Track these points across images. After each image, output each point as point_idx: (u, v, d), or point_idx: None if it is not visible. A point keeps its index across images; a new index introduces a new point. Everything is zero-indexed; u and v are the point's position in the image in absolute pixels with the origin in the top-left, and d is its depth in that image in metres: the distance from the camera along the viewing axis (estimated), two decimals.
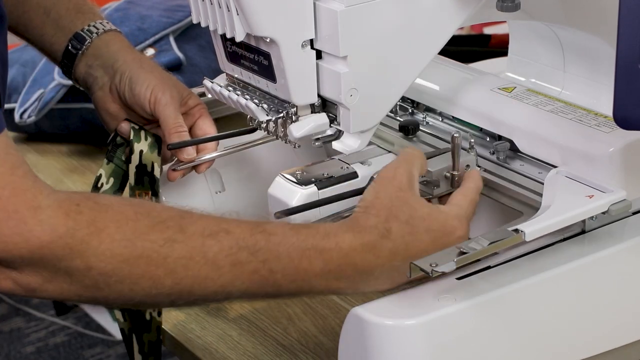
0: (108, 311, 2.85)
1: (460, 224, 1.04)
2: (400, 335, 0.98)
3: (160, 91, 1.23)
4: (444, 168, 1.13)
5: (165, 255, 0.95)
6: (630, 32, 0.95)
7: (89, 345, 2.81)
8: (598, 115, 1.16)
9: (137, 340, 1.22)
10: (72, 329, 2.87)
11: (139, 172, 1.21)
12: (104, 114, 1.28)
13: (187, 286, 0.97)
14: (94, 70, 1.27)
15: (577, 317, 1.07)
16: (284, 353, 1.21)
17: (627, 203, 1.07)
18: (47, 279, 0.94)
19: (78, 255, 0.93)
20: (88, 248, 0.93)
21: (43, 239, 0.92)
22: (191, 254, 0.96)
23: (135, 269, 0.95)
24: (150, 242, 0.95)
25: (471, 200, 1.08)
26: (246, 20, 1.06)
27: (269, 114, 1.12)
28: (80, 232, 0.93)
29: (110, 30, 1.29)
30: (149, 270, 0.95)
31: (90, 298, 0.97)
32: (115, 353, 2.77)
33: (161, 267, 0.95)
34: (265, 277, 0.98)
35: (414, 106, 1.29)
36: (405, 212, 1.02)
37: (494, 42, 1.88)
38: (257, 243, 0.98)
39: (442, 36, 1.13)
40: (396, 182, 1.04)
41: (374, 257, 1.01)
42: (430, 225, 1.03)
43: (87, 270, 0.94)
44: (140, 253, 0.95)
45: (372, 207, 1.03)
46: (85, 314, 2.92)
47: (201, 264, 0.96)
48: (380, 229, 1.01)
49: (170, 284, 0.96)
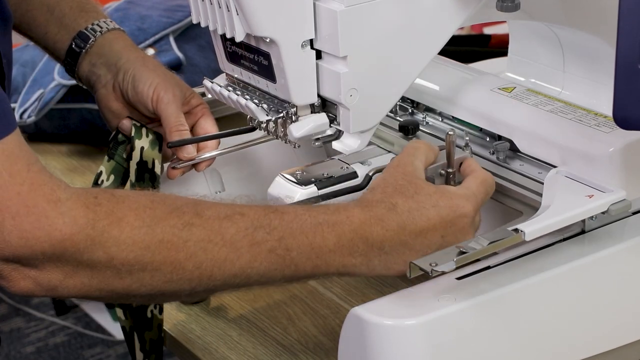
0: (108, 311, 2.85)
1: (468, 202, 1.05)
2: (400, 335, 0.98)
3: (163, 90, 1.23)
4: (439, 165, 1.14)
5: (186, 239, 0.96)
6: (630, 32, 0.95)
7: (89, 345, 2.81)
8: (598, 115, 1.16)
9: (138, 338, 1.22)
10: (72, 329, 2.87)
11: (139, 169, 1.21)
12: (106, 112, 1.28)
13: (208, 269, 0.98)
14: (97, 68, 1.28)
15: (577, 317, 1.07)
16: (284, 353, 1.21)
17: (627, 203, 1.07)
18: (69, 274, 0.95)
19: (100, 246, 0.94)
20: (109, 238, 0.94)
21: (65, 232, 0.93)
22: (209, 236, 0.97)
23: (156, 255, 0.96)
24: (170, 227, 0.96)
25: (482, 180, 1.08)
26: (246, 20, 1.06)
27: (269, 114, 1.12)
28: (100, 223, 0.94)
29: (113, 28, 1.30)
30: (170, 255, 0.96)
31: (111, 291, 0.97)
32: (115, 353, 2.77)
33: (182, 251, 0.96)
34: (281, 256, 1.00)
35: (414, 106, 1.29)
36: (410, 189, 1.04)
37: (494, 42, 1.88)
38: (272, 222, 0.99)
39: (442, 36, 1.13)
40: (400, 169, 1.07)
41: (383, 230, 1.02)
42: (437, 201, 1.04)
43: (109, 261, 0.95)
44: (160, 238, 0.96)
45: (378, 187, 1.05)
46: (85, 314, 2.92)
47: (220, 245, 0.97)
48: (387, 203, 1.03)
49: (191, 268, 0.97)
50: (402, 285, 1.05)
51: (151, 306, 1.21)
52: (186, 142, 1.22)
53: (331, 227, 1.01)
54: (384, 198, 1.03)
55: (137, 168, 1.21)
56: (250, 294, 1.31)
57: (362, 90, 1.09)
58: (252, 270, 0.99)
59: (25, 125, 1.68)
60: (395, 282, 1.30)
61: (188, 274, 0.97)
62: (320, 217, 1.01)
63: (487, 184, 1.09)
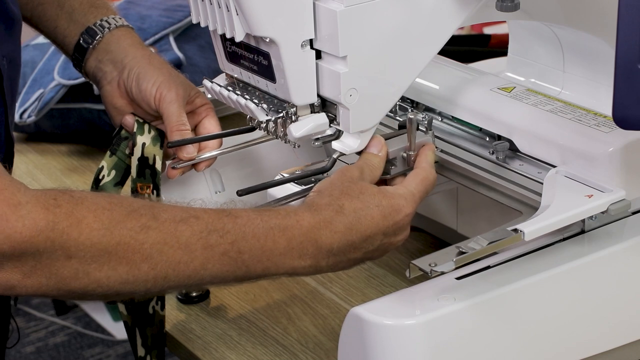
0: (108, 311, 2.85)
1: (407, 202, 1.08)
2: (400, 335, 0.98)
3: (166, 88, 1.24)
4: (401, 148, 1.16)
5: (142, 241, 0.98)
6: (630, 32, 0.95)
7: (89, 345, 2.81)
8: (598, 115, 1.16)
9: (140, 333, 1.22)
10: (72, 329, 2.87)
11: (140, 165, 1.21)
12: (110, 109, 1.29)
13: (163, 271, 1.00)
14: (103, 65, 1.28)
15: (576, 317, 1.07)
16: (284, 353, 1.21)
17: (627, 203, 1.07)
18: (27, 275, 0.96)
19: (59, 247, 0.95)
20: (69, 239, 0.95)
21: (25, 234, 0.94)
22: (165, 239, 0.99)
23: (113, 256, 0.97)
24: (127, 229, 0.98)
25: (422, 179, 1.12)
26: (246, 20, 1.06)
27: (269, 114, 1.12)
28: (60, 225, 0.95)
29: (122, 25, 1.31)
30: (127, 256, 0.98)
31: (69, 291, 0.98)
32: (115, 353, 2.77)
33: (138, 253, 0.98)
34: (234, 259, 1.02)
35: (413, 106, 1.29)
36: (355, 190, 1.08)
37: (494, 42, 1.88)
38: (225, 226, 1.01)
39: (442, 36, 1.13)
40: (348, 173, 1.10)
41: (332, 233, 1.05)
42: (380, 201, 1.07)
43: (67, 261, 0.96)
44: (118, 240, 0.97)
45: (324, 190, 1.08)
46: (85, 314, 2.92)
47: (175, 248, 0.99)
48: (334, 206, 1.06)
49: (147, 270, 0.99)
50: (402, 285, 1.05)
51: (152, 302, 1.22)
52: (186, 142, 1.22)
53: (282, 232, 1.03)
54: (331, 201, 1.06)
55: (138, 164, 1.21)
56: (250, 293, 1.31)
57: (362, 90, 1.09)
58: (206, 272, 1.01)
59: (25, 125, 1.68)
60: (395, 282, 1.30)
61: (143, 275, 0.99)
62: (272, 221, 1.03)
63: (427, 182, 1.12)
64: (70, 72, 1.67)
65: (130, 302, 1.22)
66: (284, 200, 1.16)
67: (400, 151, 1.16)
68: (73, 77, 1.65)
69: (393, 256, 1.36)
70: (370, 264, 1.34)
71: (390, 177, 1.17)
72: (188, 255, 1.00)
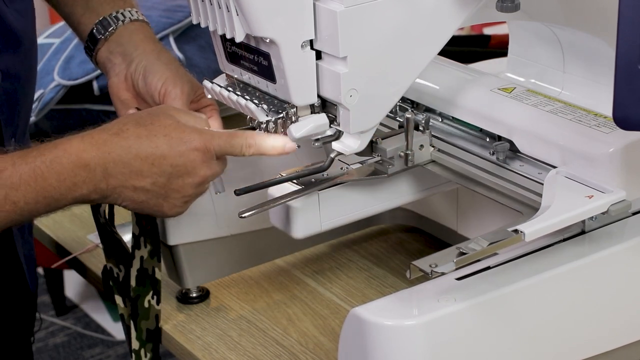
0: (108, 311, 2.85)
1: (200, 138, 1.08)
2: (400, 336, 0.98)
3: (172, 84, 1.24)
4: (399, 147, 1.17)
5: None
6: (630, 32, 0.95)
7: (89, 345, 2.81)
8: (598, 115, 1.16)
9: (135, 326, 1.22)
10: (71, 329, 2.87)
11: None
12: (116, 101, 1.29)
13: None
14: (114, 56, 1.29)
15: (577, 317, 1.07)
16: (284, 353, 1.21)
17: (627, 203, 1.07)
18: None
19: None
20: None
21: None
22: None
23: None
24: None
25: (233, 142, 1.10)
26: (246, 21, 1.06)
27: (269, 115, 1.12)
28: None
29: (137, 19, 1.31)
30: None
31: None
32: (115, 353, 2.77)
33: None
34: (12, 211, 1.05)
35: (414, 106, 1.29)
36: (147, 120, 1.08)
37: (494, 42, 1.88)
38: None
39: (442, 36, 1.13)
40: (162, 109, 1.11)
41: (104, 154, 1.05)
42: (170, 132, 1.07)
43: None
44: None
45: (121, 119, 1.10)
46: (85, 314, 2.92)
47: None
48: (114, 129, 1.07)
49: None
50: (402, 285, 1.05)
51: (148, 296, 1.22)
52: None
53: (49, 166, 1.05)
54: (114, 126, 1.07)
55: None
56: (250, 294, 1.31)
57: (362, 90, 1.09)
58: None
59: None
60: (395, 283, 1.30)
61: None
62: (37, 160, 1.05)
63: (233, 147, 1.11)
64: (70, 72, 1.67)
65: (127, 294, 1.22)
66: (282, 200, 1.16)
67: (398, 150, 1.16)
68: (73, 77, 1.66)
69: (393, 257, 1.36)
70: (370, 265, 1.35)
71: (387, 175, 1.18)
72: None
